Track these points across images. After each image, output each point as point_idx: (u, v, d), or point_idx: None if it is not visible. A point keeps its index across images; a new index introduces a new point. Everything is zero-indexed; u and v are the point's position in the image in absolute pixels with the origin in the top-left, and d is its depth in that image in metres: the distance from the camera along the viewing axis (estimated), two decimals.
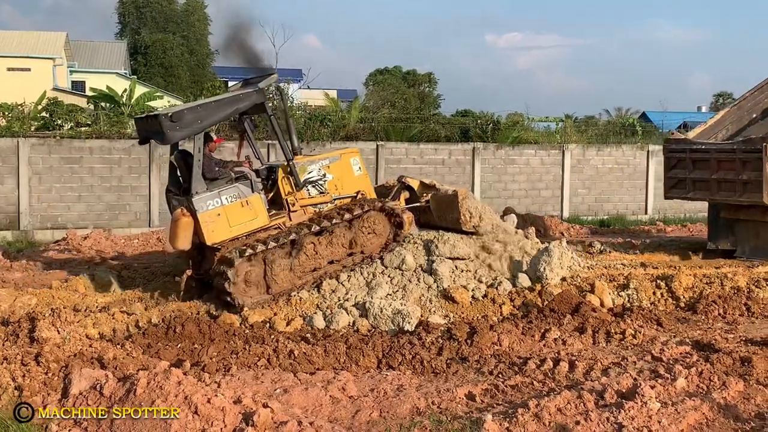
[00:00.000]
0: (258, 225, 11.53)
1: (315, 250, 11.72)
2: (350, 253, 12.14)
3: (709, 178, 15.31)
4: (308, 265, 11.71)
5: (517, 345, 9.42)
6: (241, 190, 11.47)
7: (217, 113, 11.55)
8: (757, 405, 7.27)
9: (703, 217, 26.47)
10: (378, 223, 12.39)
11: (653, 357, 8.87)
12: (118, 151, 21.48)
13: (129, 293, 12.16)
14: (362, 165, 13.04)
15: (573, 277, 12.16)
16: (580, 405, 7.02)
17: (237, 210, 11.34)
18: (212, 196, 11.23)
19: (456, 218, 13.05)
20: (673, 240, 19.62)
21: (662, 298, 11.92)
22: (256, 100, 11.83)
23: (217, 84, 39.68)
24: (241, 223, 11.36)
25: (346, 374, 8.07)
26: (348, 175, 12.73)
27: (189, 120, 11.07)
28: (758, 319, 11.17)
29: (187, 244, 11.30)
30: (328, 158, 12.65)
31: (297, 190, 11.99)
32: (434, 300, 11.27)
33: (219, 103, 11.66)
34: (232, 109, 11.70)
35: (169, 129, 10.93)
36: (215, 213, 11.19)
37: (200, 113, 11.24)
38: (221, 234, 11.25)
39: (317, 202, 12.29)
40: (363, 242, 12.19)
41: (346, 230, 12.05)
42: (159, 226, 21.33)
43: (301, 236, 11.48)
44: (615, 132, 32.45)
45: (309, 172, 12.24)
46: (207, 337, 9.53)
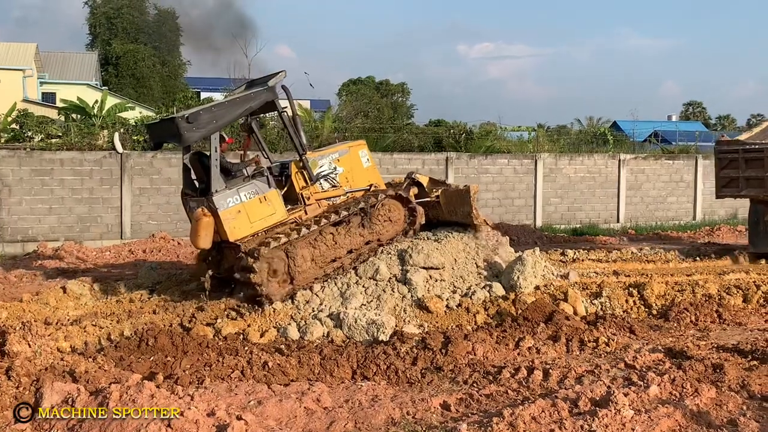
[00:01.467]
0: (277, 219, 11.91)
1: (334, 240, 12.18)
2: (367, 242, 12.63)
3: (763, 176, 16.27)
4: (329, 255, 12.13)
5: (492, 354, 9.44)
6: (258, 187, 11.82)
7: (231, 112, 11.88)
8: (729, 411, 7.32)
9: (674, 226, 26.77)
10: (393, 210, 13.03)
11: (626, 364, 8.92)
12: (89, 162, 21.32)
13: (101, 306, 12.05)
14: (370, 157, 13.46)
15: (546, 286, 12.21)
16: (555, 413, 7.03)
17: (256, 206, 11.70)
18: (231, 194, 11.54)
19: (467, 212, 13.40)
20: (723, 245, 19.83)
21: (635, 305, 12.01)
22: (267, 97, 12.14)
23: (189, 95, 39.50)
24: (260, 218, 11.73)
25: (320, 385, 8.04)
26: (357, 168, 13.13)
27: (205, 120, 11.37)
28: (729, 326, 11.27)
29: (208, 243, 11.59)
30: (337, 152, 13.05)
31: (311, 184, 12.38)
32: (409, 310, 11.27)
33: (232, 102, 11.96)
34: (245, 107, 11.98)
35: (186, 130, 11.22)
36: (235, 210, 11.52)
37: (215, 113, 11.55)
38: (242, 230, 11.59)
39: (330, 195, 12.68)
40: (379, 230, 12.76)
41: (362, 218, 12.57)
42: (131, 237, 21.20)
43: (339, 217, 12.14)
44: (587, 141, 32.80)
45: (320, 166, 12.63)
46: (180, 349, 9.45)
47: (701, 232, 24.91)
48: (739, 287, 12.76)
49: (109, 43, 56.61)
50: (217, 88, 36.12)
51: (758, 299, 12.30)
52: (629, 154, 28.29)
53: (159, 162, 21.88)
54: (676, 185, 28.10)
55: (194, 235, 11.56)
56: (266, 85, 12.17)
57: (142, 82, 55.50)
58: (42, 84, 50.93)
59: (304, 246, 11.85)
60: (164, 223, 21.77)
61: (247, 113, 12.37)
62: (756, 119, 79.17)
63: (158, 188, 21.85)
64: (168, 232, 21.33)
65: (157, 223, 21.70)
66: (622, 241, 21.85)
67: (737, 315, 11.67)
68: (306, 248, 11.87)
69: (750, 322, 11.47)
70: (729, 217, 28.45)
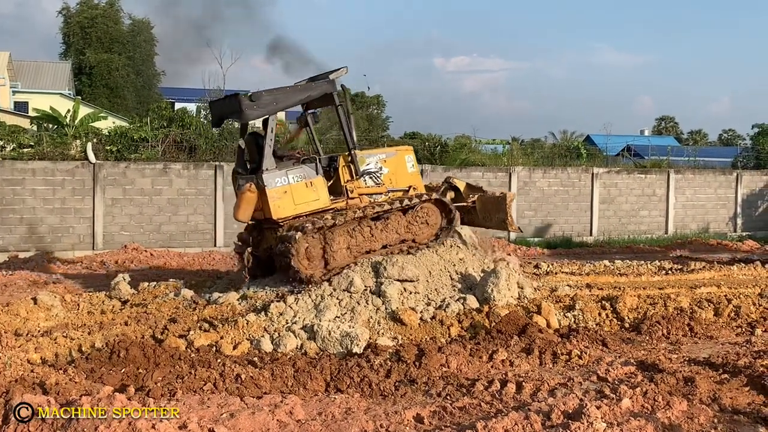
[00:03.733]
0: (320, 206, 12.56)
1: (371, 233, 12.92)
2: (402, 240, 13.30)
3: None
4: (364, 246, 12.85)
5: (465, 366, 9.44)
6: (306, 172, 12.51)
7: (291, 97, 12.68)
8: (701, 424, 7.37)
9: (647, 239, 26.96)
10: (431, 214, 13.65)
11: (599, 377, 8.95)
12: (61, 172, 21.16)
13: (72, 317, 11.93)
14: (415, 162, 14.08)
15: (520, 299, 12.25)
16: (528, 426, 7.05)
17: (302, 189, 12.37)
18: (281, 174, 12.25)
19: (502, 219, 14.19)
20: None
21: (607, 318, 12.07)
22: (326, 89, 12.82)
23: (164, 105, 39.31)
24: (304, 202, 12.38)
25: (293, 398, 7.99)
26: (401, 171, 13.73)
27: (266, 101, 12.16)
28: (701, 340, 11.36)
29: (248, 216, 12.34)
30: (384, 153, 13.87)
31: (356, 178, 13.04)
32: (383, 322, 11.25)
33: (294, 88, 12.74)
34: (305, 95, 12.76)
35: (247, 108, 12.02)
36: (282, 190, 12.22)
37: (277, 96, 12.35)
38: (286, 210, 12.26)
39: (373, 191, 13.33)
40: (415, 231, 13.42)
41: (400, 217, 13.26)
42: (103, 248, 21.04)
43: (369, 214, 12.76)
44: (560, 155, 33.01)
45: (367, 163, 13.29)
46: (152, 361, 9.36)
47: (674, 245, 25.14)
48: (711, 301, 12.87)
49: (83, 53, 56.16)
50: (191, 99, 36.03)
51: (729, 313, 12.41)
52: (602, 168, 28.51)
53: (132, 172, 21.76)
54: (648, 199, 28.34)
55: (236, 208, 12.30)
56: (327, 77, 12.85)
57: (116, 92, 55.12)
58: (14, 93, 50.46)
59: (342, 233, 12.56)
60: (137, 233, 21.64)
61: (306, 101, 13.03)
62: (727, 134, 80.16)
63: (131, 199, 21.72)
64: (141, 243, 21.21)
65: (130, 234, 21.56)
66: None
67: (708, 328, 11.76)
68: (343, 236, 12.60)
69: (721, 336, 11.57)
70: (700, 231, 28.73)
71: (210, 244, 22.40)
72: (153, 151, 23.36)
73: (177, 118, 26.29)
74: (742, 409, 7.87)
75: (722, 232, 29.22)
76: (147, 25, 60.69)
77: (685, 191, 29.02)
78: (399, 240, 13.28)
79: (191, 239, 22.28)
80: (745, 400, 8.20)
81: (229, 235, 22.46)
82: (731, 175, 30.26)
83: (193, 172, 22.38)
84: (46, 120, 28.34)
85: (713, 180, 29.74)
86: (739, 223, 29.94)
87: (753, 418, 7.62)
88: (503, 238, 24.62)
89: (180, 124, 24.96)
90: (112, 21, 57.97)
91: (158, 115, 29.09)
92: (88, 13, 57.10)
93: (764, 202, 30.42)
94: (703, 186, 29.43)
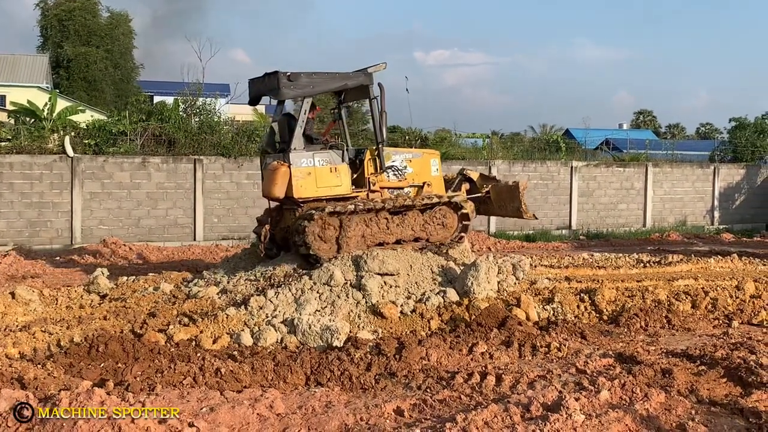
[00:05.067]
0: (341, 192, 12.95)
1: (387, 225, 13.32)
2: (416, 238, 13.67)
3: None
4: (378, 237, 13.26)
5: (445, 359, 9.47)
6: (333, 158, 12.90)
7: (328, 83, 13.08)
8: (678, 416, 7.43)
9: (625, 232, 27.13)
10: (448, 217, 13.99)
11: (577, 369, 9.01)
12: (39, 166, 21.00)
13: (50, 311, 11.86)
14: (439, 167, 14.47)
15: (500, 291, 12.29)
16: (507, 418, 7.09)
17: (326, 174, 12.76)
18: (307, 156, 12.66)
19: (516, 207, 14.59)
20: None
21: (586, 311, 12.13)
22: (363, 81, 13.17)
23: (142, 98, 39.07)
24: (326, 186, 12.77)
25: (273, 392, 7.99)
26: (426, 172, 14.15)
27: (304, 83, 12.59)
28: (678, 332, 11.45)
29: (282, 192, 12.58)
30: (411, 153, 14.36)
31: (379, 172, 13.40)
32: (363, 316, 11.26)
33: (332, 75, 13.07)
34: (341, 83, 13.16)
35: (284, 86, 12.45)
36: (306, 171, 12.61)
37: (314, 79, 12.76)
38: (308, 191, 12.64)
39: (395, 185, 13.78)
40: (430, 231, 13.76)
41: (417, 215, 13.62)
42: (81, 242, 20.91)
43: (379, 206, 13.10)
44: (540, 148, 33.13)
45: (393, 160, 13.73)
46: (131, 355, 9.33)
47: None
48: (688, 293, 12.97)
49: (61, 46, 55.66)
50: (170, 92, 35.80)
51: (706, 305, 12.51)
52: (581, 162, 28.63)
53: (110, 166, 21.63)
54: (626, 192, 28.51)
55: (270, 183, 12.60)
56: (365, 70, 13.19)
57: (94, 86, 54.70)
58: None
59: (359, 221, 12.99)
60: (115, 228, 21.52)
61: (342, 89, 13.52)
62: (705, 128, 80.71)
63: (109, 192, 21.59)
64: (119, 237, 21.11)
65: (109, 228, 21.44)
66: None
67: (686, 321, 11.85)
68: (360, 224, 13.02)
69: (698, 328, 11.66)
70: (678, 224, 28.94)
71: (189, 238, 22.31)
72: (131, 144, 23.20)
73: (156, 111, 26.10)
74: (720, 401, 7.94)
75: (700, 225, 29.45)
76: (125, 17, 60.25)
77: (663, 185, 29.22)
78: (413, 237, 13.63)
79: (170, 233, 22.18)
80: (722, 392, 8.28)
81: (209, 229, 22.41)
82: (709, 168, 30.48)
83: (172, 166, 22.28)
84: (24, 113, 28.05)
85: (691, 173, 29.96)
86: (716, 216, 30.18)
87: (730, 409, 7.70)
88: (483, 231, 24.71)
89: (159, 118, 24.78)
90: (89, 14, 57.45)
91: (137, 108, 28.90)
92: (66, 5, 56.57)
93: (741, 195, 30.69)
94: (681, 179, 29.64)
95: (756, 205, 30.95)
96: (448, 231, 13.99)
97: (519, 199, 14.52)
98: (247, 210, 22.75)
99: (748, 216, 30.74)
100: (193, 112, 25.63)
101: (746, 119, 35.21)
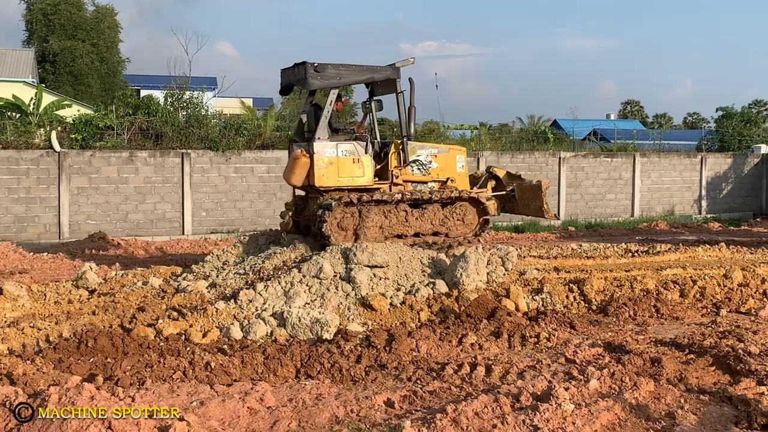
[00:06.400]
0: (362, 183, 13.17)
1: (406, 218, 13.49)
2: (435, 232, 13.81)
3: None
4: (397, 229, 13.43)
5: (435, 351, 9.48)
6: (356, 149, 13.08)
7: (355, 75, 13.30)
8: (668, 404, 7.47)
9: (613, 222, 27.20)
10: (468, 213, 14.09)
11: (567, 359, 9.04)
12: (25, 161, 20.90)
13: (39, 307, 11.81)
14: (465, 164, 14.59)
15: (489, 282, 12.31)
16: (497, 409, 7.10)
17: (348, 164, 12.97)
18: (331, 146, 12.88)
19: (539, 207, 14.77)
20: None
21: (575, 301, 12.17)
22: (390, 75, 13.37)
23: (129, 92, 38.89)
24: (348, 176, 13.01)
25: (264, 385, 7.99)
26: (451, 169, 14.27)
27: (331, 74, 12.80)
28: (667, 321, 11.50)
29: (300, 181, 12.99)
30: (437, 148, 14.50)
31: (403, 166, 13.56)
32: (353, 308, 11.26)
33: (359, 67, 13.27)
34: (368, 76, 13.37)
35: (311, 77, 12.64)
36: (329, 160, 12.85)
37: (341, 71, 12.97)
38: (329, 180, 12.89)
39: (418, 179, 13.92)
40: (449, 226, 13.87)
41: (438, 210, 13.76)
42: (69, 238, 20.83)
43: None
44: (528, 139, 33.20)
45: (418, 154, 13.90)
46: (120, 350, 9.30)
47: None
48: (676, 282, 13.01)
49: (46, 40, 55.27)
50: (157, 86, 35.65)
51: (695, 294, 12.56)
52: (569, 152, 28.70)
53: (97, 161, 21.55)
54: (614, 182, 28.59)
55: (289, 172, 13.04)
56: (393, 64, 13.35)
57: (80, 80, 54.33)
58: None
59: (378, 212, 13.17)
60: (104, 222, 21.46)
61: (368, 82, 13.72)
62: (692, 117, 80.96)
63: (97, 187, 21.52)
64: (107, 231, 21.03)
65: (97, 223, 21.37)
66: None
67: (674, 309, 11.90)
68: (379, 215, 13.21)
69: (687, 317, 11.71)
70: (666, 214, 29.04)
71: (178, 232, 22.26)
72: (119, 139, 23.11)
73: (143, 105, 26.00)
74: (708, 389, 7.98)
75: (687, 215, 29.56)
76: (111, 11, 59.90)
77: (650, 174, 29.31)
78: (432, 231, 13.76)
79: (159, 227, 22.13)
80: (711, 380, 8.32)
81: (197, 223, 22.36)
82: (696, 157, 30.59)
83: (159, 160, 22.22)
84: (10, 108, 27.89)
85: (678, 163, 30.06)
86: (704, 205, 30.31)
87: (719, 397, 7.73)
88: None
89: (146, 112, 24.69)
90: (75, 8, 57.05)
91: (123, 102, 28.80)
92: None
93: (728, 184, 30.82)
94: (669, 169, 29.73)
95: (743, 194, 31.09)
96: (468, 227, 14.08)
97: (541, 198, 14.71)
98: (236, 203, 22.74)
99: (735, 205, 30.88)
100: (180, 105, 25.55)
101: (733, 108, 35.36)
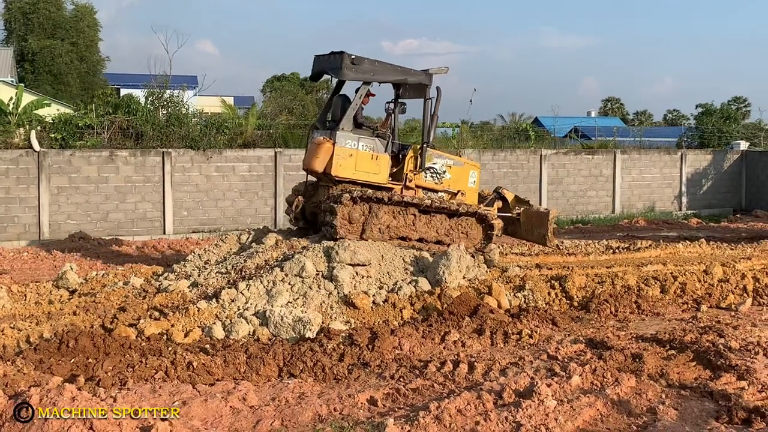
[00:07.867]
0: (377, 180, 13.30)
1: (414, 222, 13.58)
2: (438, 241, 13.83)
3: None
4: (402, 231, 13.50)
5: (418, 348, 9.50)
6: (377, 145, 13.26)
7: (389, 74, 13.38)
8: (649, 400, 7.52)
9: (594, 219, 27.32)
10: (473, 228, 14.25)
11: (549, 356, 9.08)
12: (5, 161, 20.71)
13: (19, 308, 11.73)
14: (478, 180, 14.88)
15: (471, 280, 12.34)
16: (480, 405, 7.13)
17: (366, 159, 13.11)
18: (353, 138, 13.02)
19: (543, 234, 14.93)
20: None
21: (557, 298, 12.22)
22: (423, 80, 13.53)
23: (109, 91, 38.65)
24: (364, 171, 13.13)
25: (246, 384, 7.98)
26: (462, 182, 14.49)
27: (366, 68, 12.97)
28: (648, 317, 11.57)
29: (322, 166, 12.90)
30: (453, 160, 14.61)
31: (418, 171, 13.73)
32: (335, 306, 11.25)
33: (394, 67, 13.42)
34: (401, 77, 13.46)
35: (346, 67, 12.79)
36: (348, 152, 12.96)
37: (376, 67, 13.16)
38: (345, 171, 12.98)
39: (430, 186, 14.06)
40: (453, 237, 13.94)
41: (445, 220, 13.89)
42: (49, 238, 20.68)
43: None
44: (509, 137, 33.23)
45: (434, 162, 14.06)
46: (102, 350, 9.25)
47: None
48: (657, 278, 13.09)
49: (25, 39, 54.83)
50: (137, 85, 35.44)
51: (675, 290, 12.64)
52: (550, 150, 28.75)
53: (77, 160, 21.39)
54: (595, 179, 28.67)
55: (312, 156, 12.98)
56: (427, 70, 13.53)
57: (60, 79, 53.95)
58: None
59: (387, 211, 13.27)
60: (84, 222, 21.29)
61: (401, 83, 13.68)
62: (672, 114, 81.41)
63: (77, 187, 21.35)
64: (88, 231, 20.89)
65: (77, 223, 21.21)
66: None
67: (655, 305, 11.98)
68: (388, 214, 13.29)
69: (667, 312, 11.80)
70: (646, 210, 29.17)
71: (159, 232, 22.13)
72: (99, 138, 22.94)
73: (123, 104, 25.82)
74: (689, 384, 8.05)
75: (668, 211, 29.70)
76: (90, 10, 59.52)
77: (631, 171, 29.41)
78: (436, 239, 13.81)
79: (140, 227, 22.00)
80: (691, 375, 8.39)
81: (178, 222, 22.25)
82: (676, 154, 30.74)
83: (140, 159, 22.08)
84: None
85: (658, 160, 30.18)
86: (684, 201, 30.45)
87: (700, 392, 7.80)
88: None
89: (126, 111, 24.53)
90: (54, 6, 56.63)
91: (103, 101, 28.58)
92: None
93: (708, 180, 30.98)
94: (649, 166, 29.85)
95: (723, 190, 31.26)
96: (471, 241, 14.18)
97: (547, 226, 14.83)
98: (217, 202, 22.63)
99: (715, 201, 31.05)
100: (160, 104, 25.39)
101: (713, 105, 35.54)
